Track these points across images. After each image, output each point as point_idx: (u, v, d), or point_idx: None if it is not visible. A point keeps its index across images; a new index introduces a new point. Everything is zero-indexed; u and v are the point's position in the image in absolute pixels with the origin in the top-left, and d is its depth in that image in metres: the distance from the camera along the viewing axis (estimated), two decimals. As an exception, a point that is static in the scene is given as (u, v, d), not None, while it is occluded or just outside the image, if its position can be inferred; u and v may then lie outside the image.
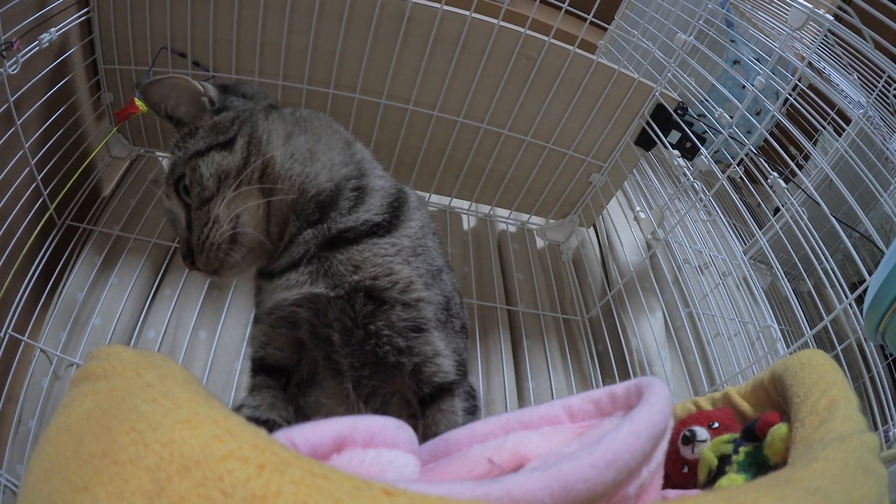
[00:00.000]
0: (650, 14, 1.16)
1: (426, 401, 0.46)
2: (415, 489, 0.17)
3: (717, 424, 0.34)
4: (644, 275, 0.99)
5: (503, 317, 0.99)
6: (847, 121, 1.18)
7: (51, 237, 0.82)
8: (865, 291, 0.51)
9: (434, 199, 1.12)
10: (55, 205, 0.81)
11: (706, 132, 1.07)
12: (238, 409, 0.47)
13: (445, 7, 0.84)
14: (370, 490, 0.17)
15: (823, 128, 1.13)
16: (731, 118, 0.82)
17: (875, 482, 0.22)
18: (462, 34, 0.86)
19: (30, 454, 0.37)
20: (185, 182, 0.48)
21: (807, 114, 1.02)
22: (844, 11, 0.78)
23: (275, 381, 0.48)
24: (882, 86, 1.13)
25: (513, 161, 1.03)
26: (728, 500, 0.20)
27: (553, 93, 0.93)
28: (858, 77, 1.16)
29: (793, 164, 1.04)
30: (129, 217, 0.90)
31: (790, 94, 1.05)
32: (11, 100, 0.69)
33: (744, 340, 0.94)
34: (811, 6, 0.74)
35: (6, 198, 0.70)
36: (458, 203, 1.14)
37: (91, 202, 0.93)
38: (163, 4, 0.83)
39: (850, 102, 1.06)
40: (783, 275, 0.76)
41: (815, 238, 0.71)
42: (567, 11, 0.87)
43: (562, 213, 1.16)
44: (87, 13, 0.83)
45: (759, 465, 0.29)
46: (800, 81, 1.08)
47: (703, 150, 0.89)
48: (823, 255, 0.69)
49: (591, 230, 1.21)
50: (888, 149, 0.91)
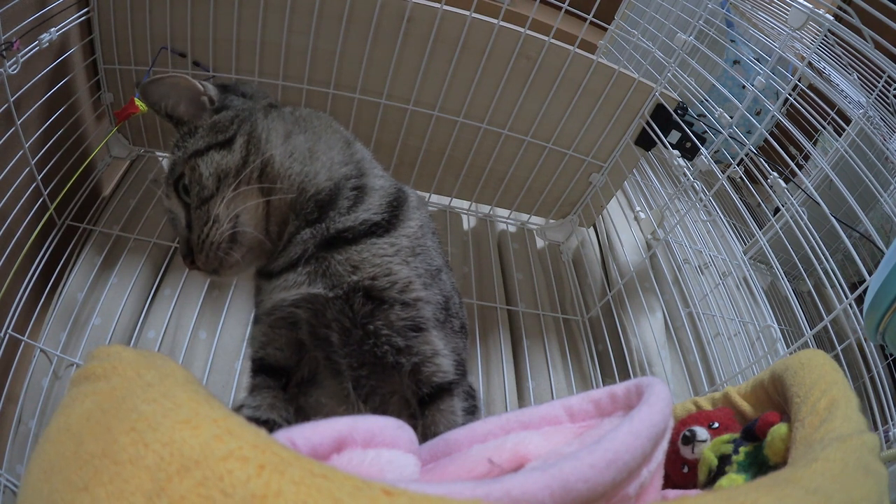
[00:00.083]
0: (650, 14, 1.16)
1: (425, 401, 0.46)
2: (415, 489, 0.17)
3: (717, 424, 0.34)
4: (644, 275, 0.99)
5: (503, 317, 0.99)
6: (847, 121, 1.18)
7: (51, 237, 0.82)
8: (865, 291, 0.51)
9: (434, 199, 1.12)
10: (55, 205, 0.81)
11: (706, 132, 1.07)
12: (238, 410, 0.46)
13: (445, 7, 0.84)
14: (370, 490, 0.17)
15: (823, 128, 1.13)
16: (731, 118, 0.82)
17: (875, 482, 0.22)
18: (462, 34, 0.86)
19: (30, 454, 0.37)
20: (185, 181, 0.48)
21: (807, 114, 1.02)
22: (844, 11, 0.78)
23: (275, 382, 0.48)
24: (882, 86, 1.13)
25: (513, 161, 1.03)
26: (728, 500, 0.20)
27: (553, 93, 0.93)
28: (858, 77, 1.16)
29: (793, 164, 1.04)
30: (129, 217, 0.90)
31: (790, 94, 1.05)
32: (11, 100, 0.69)
33: (744, 340, 0.94)
34: (811, 6, 0.74)
35: (6, 198, 0.70)
36: (458, 203, 1.14)
37: (91, 202, 0.93)
38: (163, 4, 0.83)
39: (850, 102, 1.06)
40: (783, 275, 0.76)
41: (815, 238, 0.71)
42: (567, 11, 0.87)
43: (562, 213, 1.16)
44: (87, 13, 0.83)
45: (759, 465, 0.29)
46: (800, 81, 1.08)
47: (703, 150, 0.89)
48: (823, 255, 0.69)
49: (591, 230, 1.21)
50: (888, 149, 0.91)
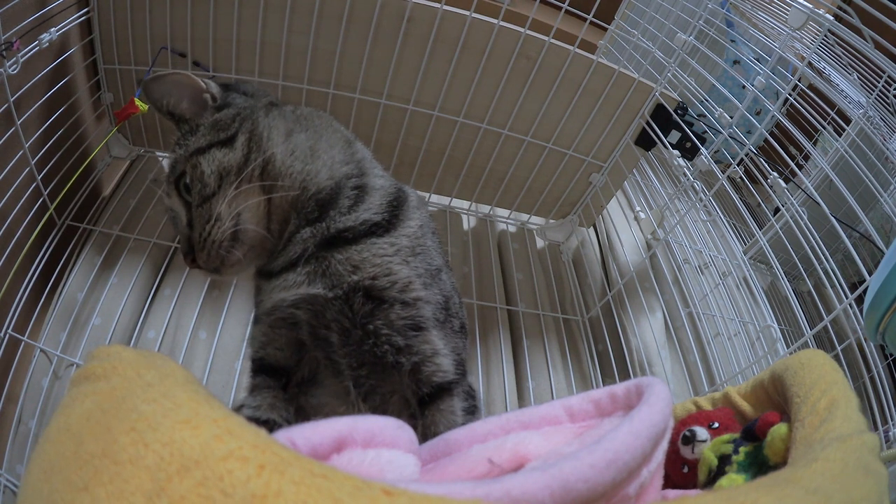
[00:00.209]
0: (650, 14, 1.16)
1: (425, 401, 0.46)
2: (415, 489, 0.17)
3: (717, 424, 0.34)
4: (644, 275, 0.99)
5: (503, 317, 0.99)
6: (847, 121, 1.18)
7: (51, 237, 0.82)
8: (865, 291, 0.51)
9: (434, 199, 1.12)
10: (55, 205, 0.81)
11: (706, 132, 1.07)
12: (238, 410, 0.46)
13: (445, 7, 0.84)
14: (370, 490, 0.17)
15: (823, 128, 1.13)
16: (731, 118, 0.82)
17: (875, 482, 0.22)
18: (462, 34, 0.86)
19: (30, 454, 0.37)
20: (186, 180, 0.48)
21: (807, 114, 1.02)
22: (844, 11, 0.78)
23: (275, 382, 0.48)
24: (882, 86, 1.13)
25: (513, 161, 1.03)
26: (728, 500, 0.20)
27: (553, 93, 0.93)
28: (858, 77, 1.16)
29: (793, 164, 1.04)
30: (129, 217, 0.90)
31: (790, 94, 1.05)
32: (11, 100, 0.69)
33: (744, 340, 0.94)
34: (811, 6, 0.74)
35: (6, 198, 0.70)
36: (458, 203, 1.14)
37: (91, 202, 0.93)
38: (163, 4, 0.83)
39: (850, 102, 1.06)
40: (783, 275, 0.76)
41: (815, 238, 0.71)
42: (567, 11, 0.87)
43: (562, 213, 1.16)
44: (87, 13, 0.83)
45: (759, 465, 0.29)
46: (800, 81, 1.08)
47: (703, 150, 0.89)
48: (823, 255, 0.69)
49: (591, 230, 1.21)
50: (888, 149, 0.91)
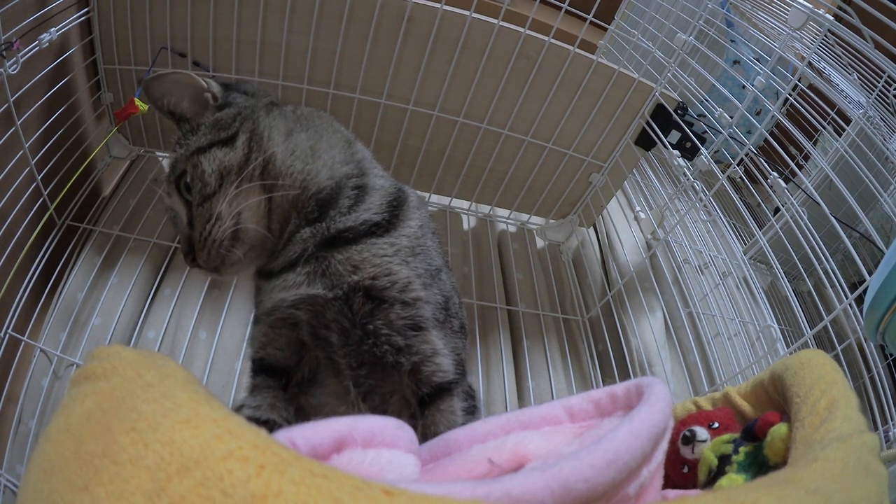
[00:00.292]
0: (650, 14, 1.16)
1: (425, 401, 0.46)
2: (415, 489, 0.17)
3: (717, 424, 0.34)
4: (644, 275, 0.99)
5: (503, 317, 0.99)
6: (847, 121, 1.18)
7: (51, 237, 0.82)
8: (865, 291, 0.51)
9: (434, 199, 1.12)
10: (55, 205, 0.81)
11: (706, 132, 1.07)
12: (238, 410, 0.46)
13: (445, 7, 0.84)
14: (370, 490, 0.17)
15: (823, 128, 1.13)
16: (731, 118, 0.82)
17: (875, 482, 0.22)
18: (462, 34, 0.86)
19: (30, 454, 0.37)
20: (187, 179, 0.48)
21: (807, 114, 1.02)
22: (844, 11, 0.78)
23: (275, 382, 0.48)
24: (882, 86, 1.13)
25: (513, 161, 1.03)
26: (728, 500, 0.20)
27: (553, 93, 0.93)
28: (858, 77, 1.16)
29: (793, 164, 1.04)
30: (129, 217, 0.90)
31: (790, 94, 1.05)
32: (11, 100, 0.69)
33: (744, 340, 0.94)
34: (811, 6, 0.74)
35: (6, 198, 0.70)
36: (458, 203, 1.14)
37: (91, 202, 0.93)
38: (163, 4, 0.83)
39: (850, 102, 1.06)
40: (783, 275, 0.76)
41: (815, 238, 0.71)
42: (567, 11, 0.87)
43: (562, 213, 1.16)
44: (87, 13, 0.83)
45: (759, 465, 0.29)
46: (800, 81, 1.08)
47: (703, 150, 0.89)
48: (823, 255, 0.69)
49: (591, 230, 1.21)
50: (888, 149, 0.91)
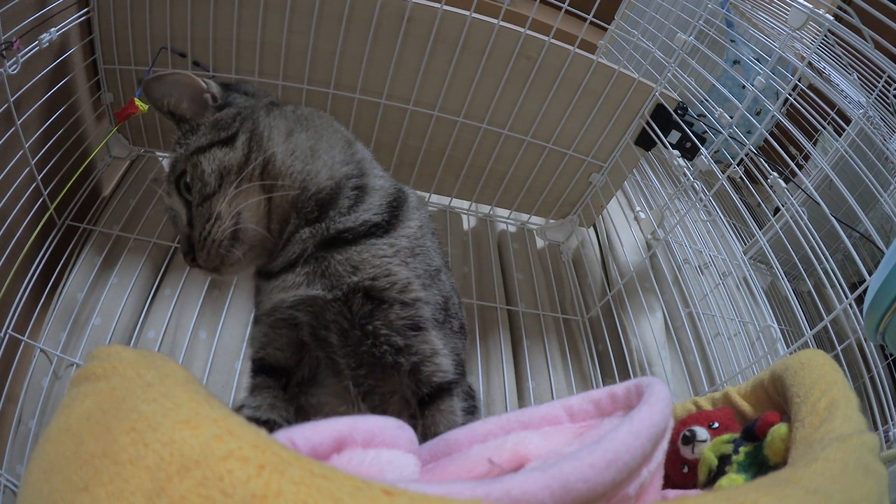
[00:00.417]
0: (650, 14, 1.16)
1: (425, 401, 0.46)
2: (415, 489, 0.17)
3: (717, 424, 0.34)
4: (644, 275, 0.99)
5: (503, 317, 0.99)
6: (847, 121, 1.18)
7: (51, 237, 0.82)
8: (865, 291, 0.51)
9: (434, 199, 1.12)
10: (55, 205, 0.81)
11: (706, 132, 1.07)
12: (238, 410, 0.47)
13: (445, 7, 0.84)
14: (370, 490, 0.17)
15: (823, 128, 1.13)
16: (731, 118, 0.82)
17: (875, 482, 0.22)
18: (462, 34, 0.86)
19: (30, 454, 0.37)
20: (187, 179, 0.48)
21: (807, 114, 1.02)
22: (844, 11, 0.78)
23: (275, 382, 0.48)
24: (882, 86, 1.13)
25: (513, 161, 1.03)
26: (728, 500, 0.20)
27: (553, 93, 0.93)
28: (858, 77, 1.16)
29: (793, 164, 1.04)
30: (129, 217, 0.90)
31: (790, 94, 1.05)
32: (11, 100, 0.69)
33: (744, 340, 0.94)
34: (811, 6, 0.74)
35: (6, 198, 0.70)
36: (458, 203, 1.14)
37: (91, 202, 0.93)
38: (163, 4, 0.83)
39: (850, 102, 1.06)
40: (783, 275, 0.76)
41: (815, 238, 0.71)
42: (567, 11, 0.87)
43: (562, 213, 1.16)
44: (87, 13, 0.83)
45: (759, 465, 0.29)
46: (800, 81, 1.08)
47: (703, 150, 0.89)
48: (823, 255, 0.69)
49: (591, 230, 1.21)
50: (888, 149, 0.91)
